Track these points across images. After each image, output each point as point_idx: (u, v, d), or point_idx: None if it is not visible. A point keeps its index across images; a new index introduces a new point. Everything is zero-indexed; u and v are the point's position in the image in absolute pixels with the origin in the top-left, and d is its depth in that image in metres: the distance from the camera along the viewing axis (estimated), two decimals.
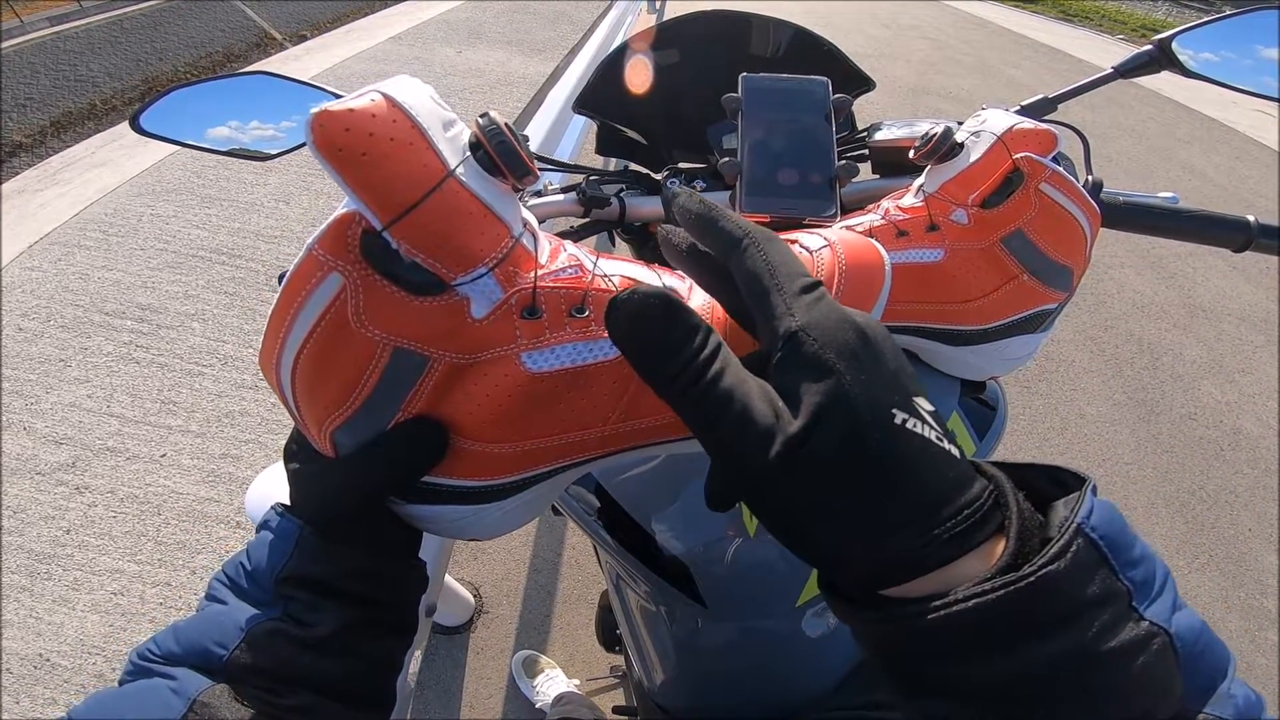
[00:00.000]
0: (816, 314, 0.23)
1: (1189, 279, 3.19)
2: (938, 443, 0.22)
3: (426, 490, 0.29)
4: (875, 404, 0.21)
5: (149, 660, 0.27)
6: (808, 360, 0.22)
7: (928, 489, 0.21)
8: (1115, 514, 0.21)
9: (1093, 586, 0.19)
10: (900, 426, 0.21)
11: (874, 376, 0.22)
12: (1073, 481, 0.23)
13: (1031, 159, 0.44)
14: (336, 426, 0.27)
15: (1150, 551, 0.21)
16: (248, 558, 0.30)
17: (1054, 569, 0.19)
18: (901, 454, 0.21)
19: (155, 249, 2.51)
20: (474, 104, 3.91)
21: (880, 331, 0.23)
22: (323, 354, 0.25)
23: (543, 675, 1.46)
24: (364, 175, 0.23)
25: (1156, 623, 0.19)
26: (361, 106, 0.24)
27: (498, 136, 0.27)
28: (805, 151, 0.55)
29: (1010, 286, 0.47)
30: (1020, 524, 0.21)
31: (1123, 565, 0.20)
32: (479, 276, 0.26)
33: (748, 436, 0.21)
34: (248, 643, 0.27)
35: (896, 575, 0.21)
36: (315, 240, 0.24)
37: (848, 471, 0.21)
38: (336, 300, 0.24)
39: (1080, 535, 0.20)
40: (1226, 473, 2.19)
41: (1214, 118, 5.35)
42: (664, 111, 0.82)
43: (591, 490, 0.59)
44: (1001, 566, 0.20)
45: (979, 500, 0.21)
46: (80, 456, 1.78)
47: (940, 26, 7.57)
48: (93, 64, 4.65)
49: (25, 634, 1.44)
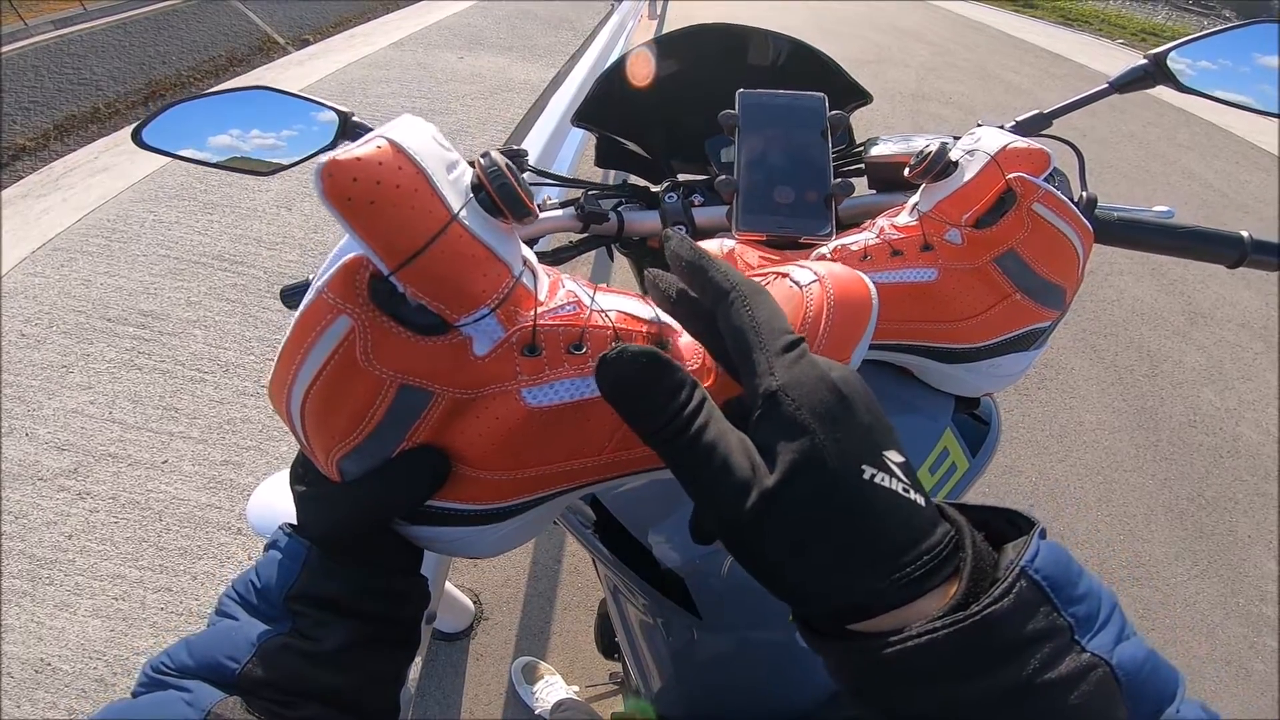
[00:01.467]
0: (796, 374, 0.24)
1: (1189, 285, 3.20)
2: (903, 494, 0.23)
3: (429, 513, 0.30)
4: (845, 461, 0.23)
5: (163, 673, 0.28)
6: (785, 420, 0.24)
7: (891, 538, 0.23)
8: (1061, 554, 0.23)
9: (1034, 623, 0.21)
10: (868, 481, 0.23)
11: (847, 434, 0.23)
12: (1025, 524, 0.25)
13: (1024, 179, 0.45)
14: (343, 455, 0.28)
15: (1097, 586, 0.23)
16: (257, 575, 0.31)
17: (997, 608, 0.21)
18: (868, 507, 0.23)
19: (157, 255, 2.51)
20: (475, 110, 3.92)
21: (856, 389, 0.25)
22: (332, 389, 0.26)
23: (542, 682, 1.46)
24: (371, 223, 0.24)
25: (1098, 654, 0.21)
26: (368, 155, 0.24)
27: (499, 178, 0.27)
28: (801, 169, 0.55)
29: (1003, 305, 0.48)
30: (975, 566, 0.23)
31: (1065, 602, 0.22)
32: (481, 317, 0.27)
33: (726, 488, 0.23)
34: (259, 657, 0.28)
35: (860, 613, 0.23)
36: (325, 283, 0.25)
37: (817, 522, 0.23)
38: (346, 340, 0.25)
39: (1023, 577, 0.21)
40: (1226, 480, 2.19)
41: (1214, 123, 5.36)
42: (663, 124, 0.83)
43: (588, 504, 0.60)
44: (952, 605, 0.21)
45: (939, 546, 0.23)
46: (82, 462, 1.78)
47: (940, 31, 7.60)
48: (96, 67, 4.66)
49: (26, 639, 1.44)
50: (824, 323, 0.30)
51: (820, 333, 0.30)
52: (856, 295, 0.31)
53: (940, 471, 0.56)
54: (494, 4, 6.21)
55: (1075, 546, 1.92)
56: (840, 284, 0.31)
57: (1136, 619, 1.77)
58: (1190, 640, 1.74)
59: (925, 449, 0.56)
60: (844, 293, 0.31)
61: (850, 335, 0.31)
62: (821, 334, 0.30)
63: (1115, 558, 1.91)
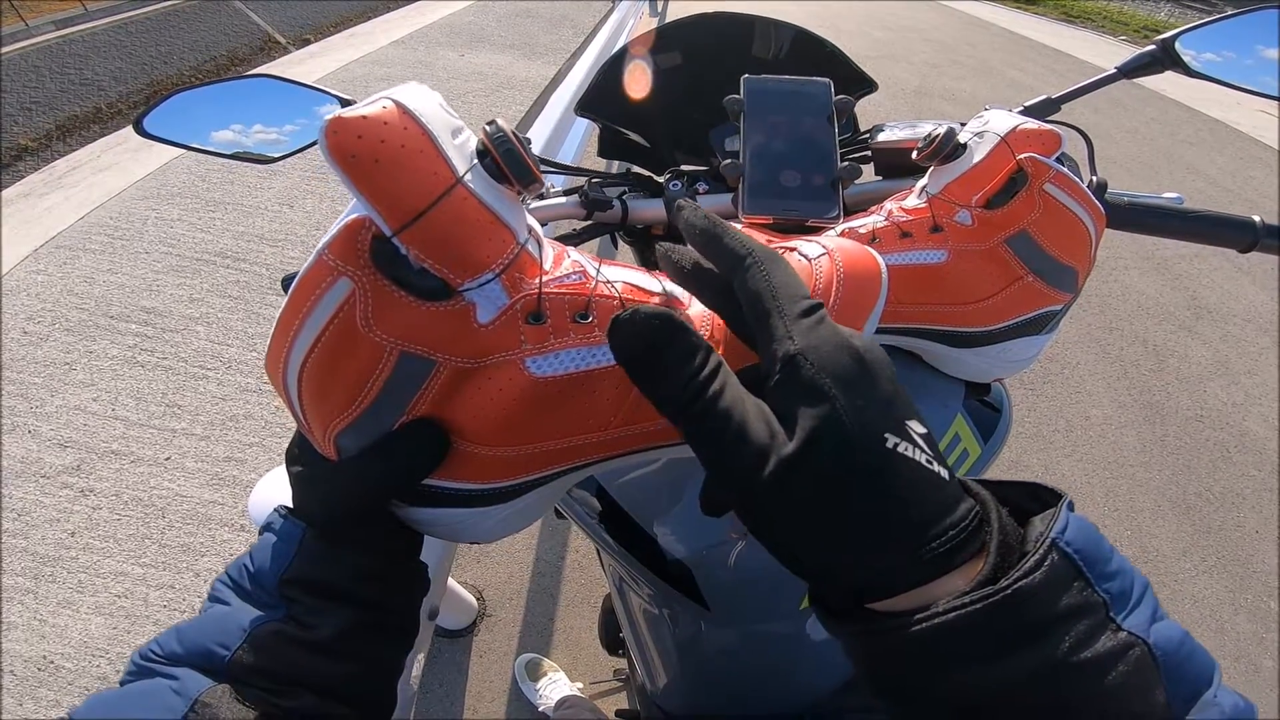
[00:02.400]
0: (815, 338, 0.23)
1: (1194, 280, 3.18)
2: (927, 466, 0.22)
3: (428, 493, 0.30)
4: (868, 428, 0.22)
5: (151, 660, 0.27)
6: (805, 384, 0.22)
7: (915, 511, 0.22)
8: (1090, 529, 0.22)
9: (1068, 598, 0.20)
10: (892, 450, 0.22)
11: (868, 401, 0.22)
12: (1050, 498, 0.24)
13: (1035, 159, 0.44)
14: (340, 430, 0.27)
15: (1128, 565, 0.22)
16: (251, 560, 0.30)
17: (1029, 582, 0.20)
18: (891, 477, 0.22)
19: (160, 252, 2.52)
20: (477, 107, 3.92)
21: (877, 356, 0.24)
22: (330, 357, 0.25)
23: (546, 678, 1.46)
24: (375, 182, 0.23)
25: (1134, 633, 0.20)
26: (374, 114, 0.24)
27: (505, 144, 0.27)
28: (807, 153, 0.55)
29: (1014, 288, 0.47)
30: (1001, 541, 0.22)
31: (1099, 578, 0.21)
32: (485, 282, 0.26)
33: (743, 455, 0.22)
34: (250, 643, 0.27)
35: (882, 590, 0.22)
36: (325, 245, 0.24)
37: (838, 493, 0.22)
38: (345, 304, 0.24)
39: (1054, 549, 0.20)
40: (1233, 475, 2.18)
41: (1218, 119, 5.33)
42: (666, 114, 0.82)
43: (594, 493, 0.59)
44: (980, 580, 0.20)
45: (964, 521, 0.22)
46: (85, 459, 1.78)
47: (942, 28, 7.57)
48: (98, 67, 4.66)
49: (30, 636, 1.45)
50: (833, 296, 0.30)
51: (829, 306, 0.30)
52: (865, 268, 0.30)
53: (952, 458, 0.55)
54: (494, 3, 6.21)
55: None
56: (849, 257, 0.30)
57: None
58: (1199, 636, 1.70)
59: (936, 435, 0.55)
60: (853, 265, 0.30)
61: (860, 309, 0.30)
62: (831, 307, 0.30)
63: (1123, 552, 1.89)
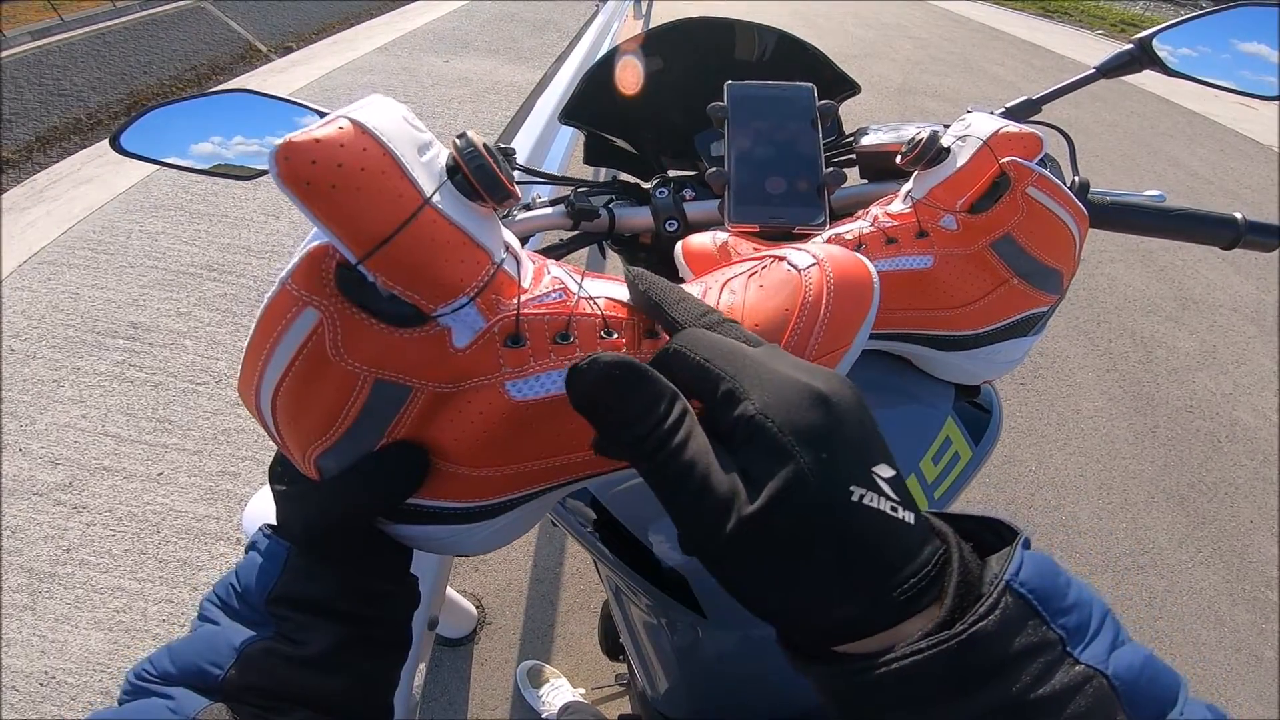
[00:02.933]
0: (774, 394, 0.23)
1: (1179, 272, 3.21)
2: (892, 514, 0.22)
3: (412, 511, 0.29)
4: (833, 484, 0.22)
5: (145, 680, 0.27)
6: (767, 444, 0.22)
7: (878, 560, 0.22)
8: (1047, 564, 0.22)
9: (1024, 638, 0.20)
10: (857, 504, 0.22)
11: (834, 454, 0.22)
12: (1009, 534, 0.24)
13: (1017, 163, 0.45)
14: (320, 453, 0.27)
15: (1087, 594, 0.22)
16: (237, 579, 0.30)
17: (983, 625, 0.20)
18: (855, 530, 0.21)
19: (145, 266, 2.49)
20: (462, 113, 3.91)
21: (844, 397, 0.23)
22: (302, 386, 0.25)
23: (548, 685, 1.46)
24: (333, 209, 0.22)
25: (1092, 665, 0.20)
26: (328, 135, 0.23)
27: (476, 159, 0.26)
28: (792, 159, 0.55)
29: (1000, 291, 0.47)
30: (962, 580, 0.22)
31: (1054, 614, 0.21)
32: (460, 306, 0.26)
33: (705, 511, 0.22)
34: (242, 662, 0.27)
35: (847, 635, 0.22)
36: (288, 274, 0.23)
37: (802, 548, 0.22)
38: (313, 334, 0.24)
39: (1009, 592, 0.21)
40: (1225, 465, 2.20)
41: (1196, 111, 5.39)
42: (651, 120, 0.82)
43: (587, 503, 0.59)
44: (937, 624, 0.21)
45: (926, 566, 0.22)
46: (77, 476, 1.77)
47: (923, 25, 7.62)
48: (76, 78, 4.61)
49: (30, 652, 1.43)
50: (824, 307, 0.29)
51: (820, 317, 0.29)
52: (857, 277, 0.30)
53: (944, 461, 0.56)
54: (478, 8, 6.20)
55: (1077, 535, 1.92)
56: (839, 266, 0.30)
57: (1142, 607, 1.77)
58: (1198, 628, 1.73)
59: (927, 439, 0.55)
60: (844, 275, 0.30)
61: (852, 319, 0.29)
62: (822, 319, 0.29)
63: (1118, 545, 1.91)
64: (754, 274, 0.32)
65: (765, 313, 0.30)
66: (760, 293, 0.31)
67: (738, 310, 0.31)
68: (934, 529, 0.24)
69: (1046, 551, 0.23)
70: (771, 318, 0.30)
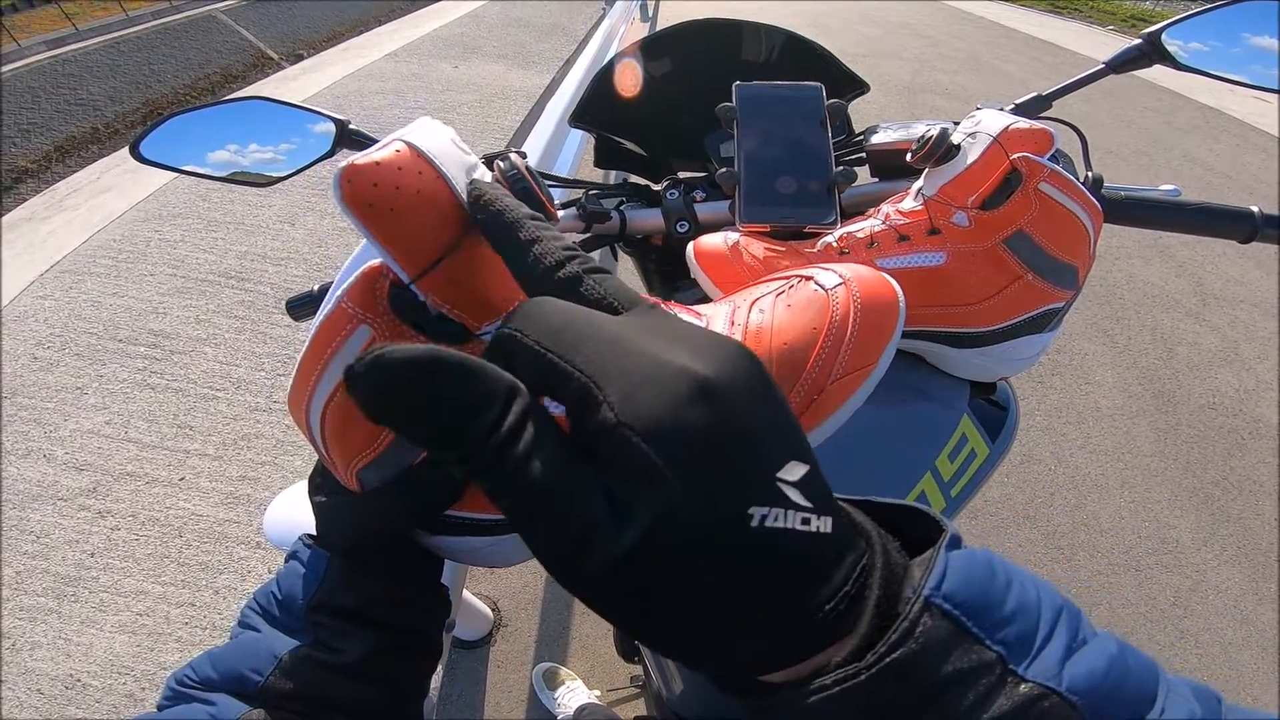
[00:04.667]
0: (640, 387, 0.18)
1: (1199, 267, 3.16)
2: (801, 529, 0.18)
3: (448, 523, 0.30)
4: (723, 510, 0.18)
5: (187, 686, 0.28)
6: (634, 464, 0.18)
7: (788, 589, 0.18)
8: (977, 568, 0.19)
9: (953, 661, 0.17)
10: (757, 529, 0.18)
11: (723, 469, 0.18)
12: (936, 530, 0.21)
13: (1029, 159, 0.44)
14: (363, 466, 0.28)
15: (1031, 597, 0.19)
16: (278, 587, 0.31)
17: (904, 651, 0.17)
18: (756, 559, 0.18)
19: (165, 274, 2.54)
20: (472, 118, 3.94)
21: (735, 380, 0.19)
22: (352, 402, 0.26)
23: (564, 687, 1.46)
24: (392, 230, 0.23)
25: (1041, 683, 0.17)
26: (387, 159, 0.24)
27: (520, 182, 0.28)
28: (802, 159, 0.55)
29: (1015, 287, 0.47)
30: (884, 594, 0.19)
31: (991, 629, 0.18)
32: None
33: (560, 542, 0.18)
34: (281, 669, 0.27)
35: (770, 666, 0.19)
36: (344, 293, 0.24)
37: (688, 587, 0.18)
38: (366, 350, 0.24)
39: (928, 610, 0.18)
40: (1249, 462, 2.16)
41: (1212, 106, 5.30)
42: (660, 122, 0.82)
43: None
44: (851, 653, 0.18)
45: (845, 585, 0.19)
46: (101, 482, 1.80)
47: (932, 23, 7.57)
48: (93, 87, 4.70)
49: (55, 655, 1.46)
50: (851, 326, 0.30)
51: (847, 337, 0.30)
52: (883, 297, 0.30)
53: (960, 459, 0.55)
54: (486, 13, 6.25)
55: (1099, 534, 1.90)
56: (866, 286, 0.31)
57: (1167, 607, 1.73)
58: (1224, 627, 1.70)
59: (943, 437, 0.55)
60: (870, 295, 0.30)
61: (878, 339, 0.30)
62: (849, 338, 0.30)
63: (1141, 544, 1.89)
64: (781, 293, 0.33)
65: (793, 332, 0.31)
66: (788, 312, 0.32)
67: (766, 330, 0.31)
68: (856, 527, 0.21)
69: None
70: (799, 337, 0.30)
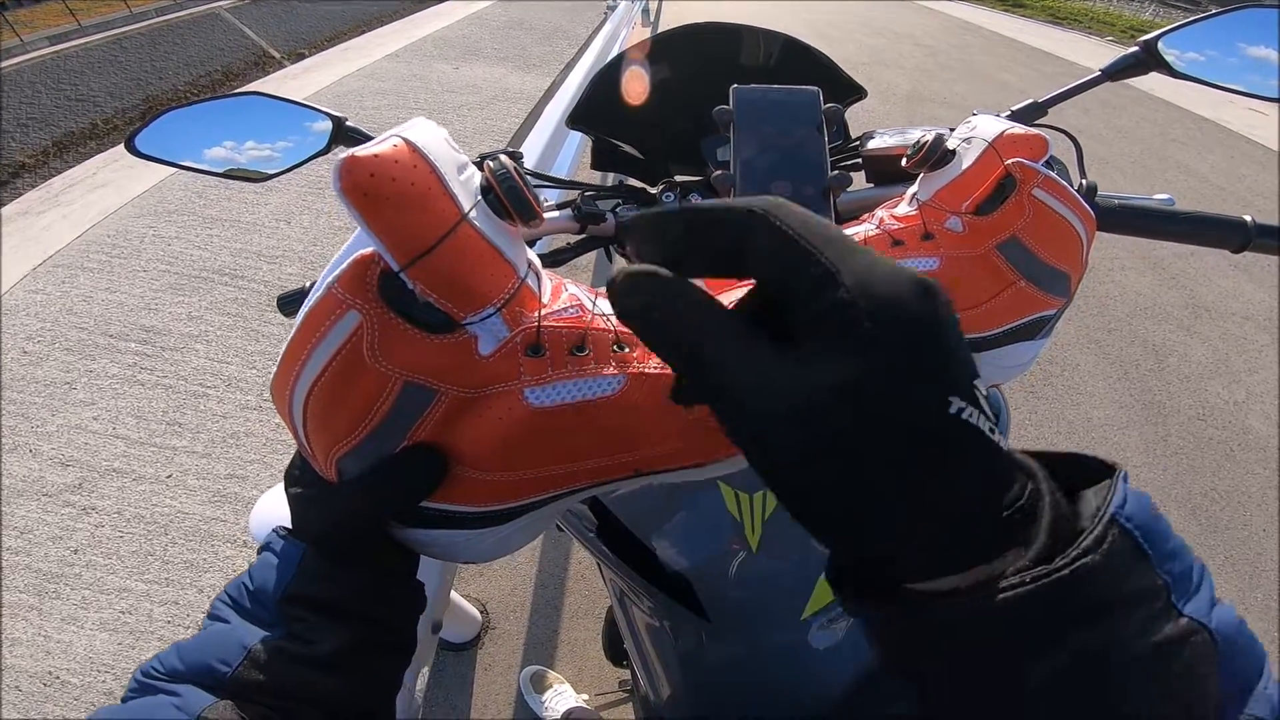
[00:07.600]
0: (872, 283, 0.19)
1: (1191, 279, 3.18)
2: (989, 435, 0.19)
3: (425, 515, 0.30)
4: (934, 390, 0.18)
5: (153, 677, 0.27)
6: (861, 333, 0.18)
7: (973, 487, 0.19)
8: (1149, 503, 0.20)
9: (1130, 581, 0.18)
10: (955, 418, 0.18)
11: (936, 355, 0.19)
12: (1102, 470, 0.21)
13: (1023, 164, 0.44)
14: (343, 454, 0.28)
15: (1185, 545, 0.20)
16: (250, 578, 0.30)
17: (1088, 561, 0.17)
18: (953, 448, 0.18)
19: (158, 270, 2.52)
20: (471, 119, 3.94)
21: (947, 300, 0.20)
22: (337, 385, 0.26)
23: (551, 690, 1.45)
24: (386, 219, 0.24)
25: (1197, 619, 0.18)
26: (385, 152, 0.25)
27: (508, 181, 0.28)
28: (798, 163, 0.55)
29: (1007, 293, 0.47)
30: (1054, 516, 0.19)
31: (1160, 558, 0.19)
32: (487, 316, 0.27)
33: (779, 421, 0.19)
34: (251, 660, 0.27)
35: (925, 571, 0.20)
36: (335, 279, 0.25)
37: (890, 466, 0.18)
38: (354, 336, 0.25)
39: (1115, 525, 0.18)
40: (1238, 473, 2.18)
41: (1207, 117, 5.36)
42: (658, 125, 0.82)
43: (592, 508, 0.59)
44: (1034, 558, 0.18)
45: (1020, 498, 0.19)
46: (87, 478, 1.78)
47: (931, 33, 7.64)
48: (93, 83, 4.69)
49: (35, 652, 1.45)
50: None
51: None
52: None
53: None
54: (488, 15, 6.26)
55: None
56: None
57: None
58: None
59: None
60: None
61: None
62: None
63: None
64: None
65: None
66: None
67: None
68: (1017, 461, 0.21)
69: None
70: None
